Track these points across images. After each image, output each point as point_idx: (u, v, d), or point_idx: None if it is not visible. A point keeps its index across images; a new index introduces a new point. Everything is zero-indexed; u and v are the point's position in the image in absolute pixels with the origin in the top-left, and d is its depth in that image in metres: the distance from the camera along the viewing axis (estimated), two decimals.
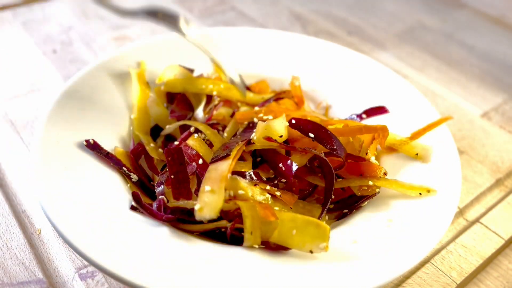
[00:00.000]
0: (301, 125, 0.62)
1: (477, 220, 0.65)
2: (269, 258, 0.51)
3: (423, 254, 0.51)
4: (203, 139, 0.63)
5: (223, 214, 0.54)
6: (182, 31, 0.70)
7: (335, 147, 0.59)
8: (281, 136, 0.59)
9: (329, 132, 0.59)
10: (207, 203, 0.52)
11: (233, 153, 0.57)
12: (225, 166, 0.56)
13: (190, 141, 0.61)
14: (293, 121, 0.62)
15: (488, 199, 0.69)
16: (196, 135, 0.63)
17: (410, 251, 0.52)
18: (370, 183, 0.58)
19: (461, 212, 0.66)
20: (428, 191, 0.58)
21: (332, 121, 0.66)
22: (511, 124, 0.82)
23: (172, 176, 0.56)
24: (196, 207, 0.52)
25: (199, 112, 0.71)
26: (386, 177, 0.60)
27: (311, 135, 0.60)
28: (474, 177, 0.71)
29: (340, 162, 0.59)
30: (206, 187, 0.53)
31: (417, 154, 0.63)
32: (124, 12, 0.68)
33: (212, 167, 0.57)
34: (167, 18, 0.71)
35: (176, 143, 0.65)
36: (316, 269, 0.49)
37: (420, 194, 0.58)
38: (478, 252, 0.60)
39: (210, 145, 0.63)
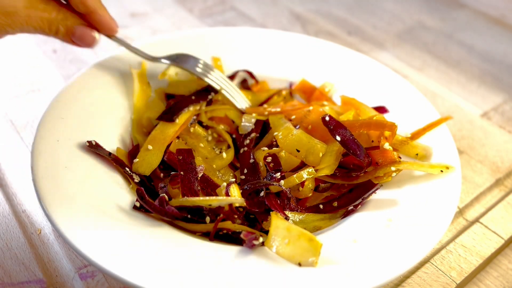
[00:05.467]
0: (332, 125, 0.61)
1: (476, 220, 0.65)
2: (269, 258, 0.51)
3: (423, 254, 0.51)
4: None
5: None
6: (199, 74, 0.71)
7: (358, 153, 0.59)
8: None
9: (356, 141, 0.59)
10: (146, 160, 0.60)
11: (181, 121, 0.65)
12: (171, 131, 0.63)
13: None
14: (327, 118, 0.62)
15: (488, 199, 0.69)
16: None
17: (410, 251, 0.51)
18: (393, 168, 0.58)
19: (460, 212, 0.66)
20: (447, 167, 0.59)
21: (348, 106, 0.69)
22: (511, 124, 0.82)
23: (181, 173, 0.57)
24: (135, 160, 0.60)
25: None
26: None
27: (338, 138, 0.60)
28: (474, 177, 0.71)
29: (361, 164, 0.59)
30: (149, 146, 0.61)
31: (417, 154, 0.63)
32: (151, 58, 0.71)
33: (159, 128, 0.63)
34: (185, 62, 0.71)
35: None
36: (316, 269, 0.49)
37: (442, 171, 0.59)
38: (478, 252, 0.60)
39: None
